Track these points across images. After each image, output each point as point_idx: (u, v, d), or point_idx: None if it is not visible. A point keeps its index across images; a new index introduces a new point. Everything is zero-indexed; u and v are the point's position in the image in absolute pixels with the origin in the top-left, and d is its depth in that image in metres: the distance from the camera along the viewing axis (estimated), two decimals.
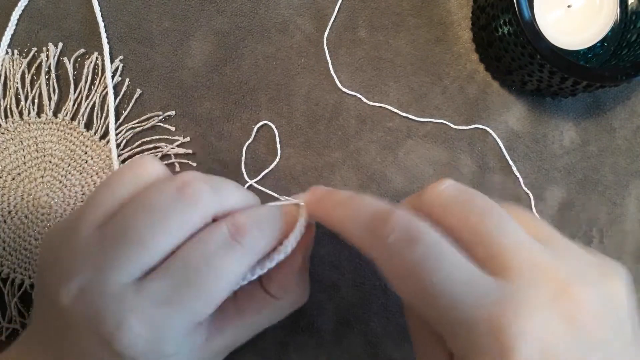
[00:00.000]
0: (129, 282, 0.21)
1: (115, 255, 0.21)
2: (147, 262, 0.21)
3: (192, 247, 0.22)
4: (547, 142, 0.36)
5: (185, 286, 0.21)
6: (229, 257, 0.22)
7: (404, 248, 0.20)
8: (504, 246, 0.20)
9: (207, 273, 0.21)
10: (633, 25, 0.34)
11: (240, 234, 0.23)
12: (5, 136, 0.34)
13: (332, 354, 0.34)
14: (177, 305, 0.21)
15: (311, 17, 0.36)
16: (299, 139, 0.35)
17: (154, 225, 0.21)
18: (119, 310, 0.20)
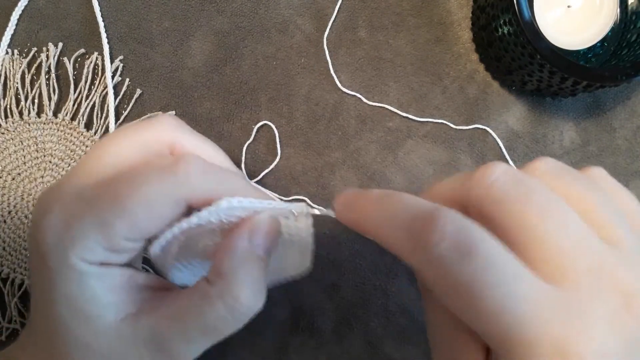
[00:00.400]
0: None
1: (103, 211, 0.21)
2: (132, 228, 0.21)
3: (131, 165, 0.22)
4: (547, 142, 0.36)
5: (105, 191, 0.21)
6: (157, 179, 0.21)
7: (457, 260, 0.17)
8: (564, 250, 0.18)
9: (128, 184, 0.21)
10: (633, 25, 0.34)
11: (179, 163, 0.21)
12: (5, 136, 0.34)
13: (332, 354, 0.33)
14: (91, 206, 0.21)
15: (311, 17, 0.36)
16: (299, 139, 0.35)
17: (136, 195, 0.21)
18: (48, 200, 0.21)
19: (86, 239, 0.21)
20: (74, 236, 0.21)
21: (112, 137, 0.23)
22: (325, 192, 0.35)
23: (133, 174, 0.22)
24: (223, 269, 0.22)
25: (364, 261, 0.34)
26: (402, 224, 0.19)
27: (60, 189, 0.22)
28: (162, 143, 0.24)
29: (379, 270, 0.34)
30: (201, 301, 0.22)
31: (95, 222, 0.21)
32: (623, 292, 0.17)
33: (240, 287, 0.22)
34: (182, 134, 0.24)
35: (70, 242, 0.21)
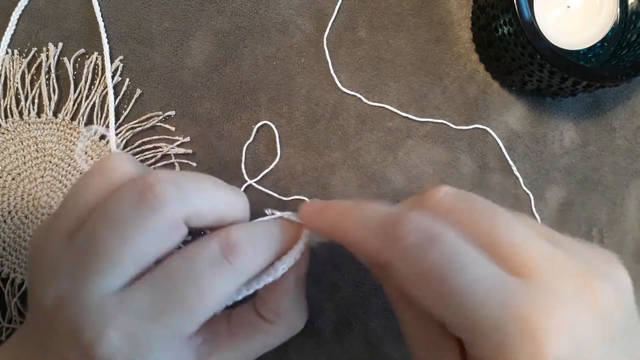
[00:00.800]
0: (109, 292, 0.20)
1: (86, 270, 0.20)
2: (122, 274, 0.20)
3: (179, 260, 0.21)
4: (547, 142, 0.36)
5: (168, 302, 0.20)
6: (218, 276, 0.21)
7: (423, 249, 0.19)
8: (517, 246, 0.20)
9: (192, 290, 0.21)
10: (633, 25, 0.34)
11: (233, 253, 0.21)
12: (5, 136, 0.34)
13: (332, 354, 0.33)
14: (158, 321, 0.20)
15: (311, 17, 0.36)
16: (299, 139, 0.35)
17: (117, 239, 0.20)
18: (98, 321, 0.20)
19: (158, 350, 0.21)
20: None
21: (121, 235, 0.21)
22: (325, 192, 0.35)
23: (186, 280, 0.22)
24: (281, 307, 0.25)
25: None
26: (375, 226, 0.21)
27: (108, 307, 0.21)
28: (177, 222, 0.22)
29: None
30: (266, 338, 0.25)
31: (166, 336, 0.21)
32: (576, 275, 0.19)
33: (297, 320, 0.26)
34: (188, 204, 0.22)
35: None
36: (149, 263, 0.21)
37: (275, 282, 0.24)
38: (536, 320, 0.18)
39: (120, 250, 0.20)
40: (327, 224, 0.24)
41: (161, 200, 0.20)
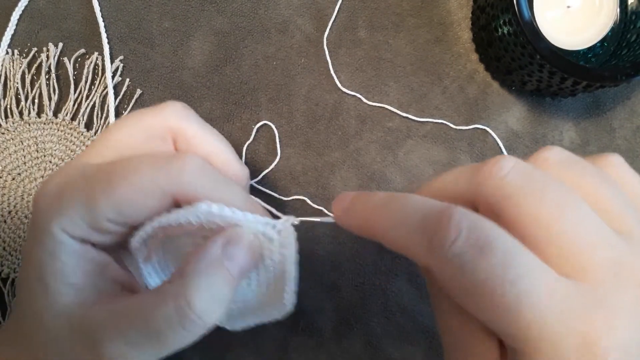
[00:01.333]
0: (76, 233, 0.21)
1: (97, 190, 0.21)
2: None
3: None
4: (547, 142, 0.36)
5: (101, 172, 0.22)
6: (151, 168, 0.21)
7: (474, 257, 0.17)
8: (581, 245, 0.18)
9: (124, 171, 0.21)
10: (633, 25, 0.34)
11: (177, 158, 0.22)
12: (6, 136, 0.34)
13: (332, 354, 0.34)
14: (86, 184, 0.21)
15: (311, 17, 0.36)
16: (299, 139, 0.35)
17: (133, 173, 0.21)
18: (56, 172, 0.22)
19: (71, 210, 0.21)
20: (61, 205, 0.21)
21: (119, 122, 0.24)
22: (325, 192, 0.35)
23: (131, 159, 0.22)
24: (186, 270, 0.21)
25: (364, 261, 0.34)
26: (414, 225, 0.19)
27: (68, 164, 0.23)
28: (166, 129, 0.24)
29: (379, 270, 0.34)
30: (152, 299, 0.20)
31: (83, 197, 0.21)
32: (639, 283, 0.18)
33: (196, 291, 0.20)
34: (187, 121, 0.24)
35: (56, 210, 0.21)
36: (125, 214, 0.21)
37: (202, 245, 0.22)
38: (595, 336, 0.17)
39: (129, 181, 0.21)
40: (360, 221, 0.21)
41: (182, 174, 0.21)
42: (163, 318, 0.20)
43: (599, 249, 0.18)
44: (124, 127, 0.24)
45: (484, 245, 0.17)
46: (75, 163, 0.23)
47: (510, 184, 0.18)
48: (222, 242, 0.21)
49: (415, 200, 0.19)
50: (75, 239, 0.21)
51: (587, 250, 0.18)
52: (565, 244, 0.18)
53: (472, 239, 0.17)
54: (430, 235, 0.18)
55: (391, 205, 0.20)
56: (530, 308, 0.17)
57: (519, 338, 0.17)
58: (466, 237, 0.17)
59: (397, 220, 0.19)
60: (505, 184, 0.18)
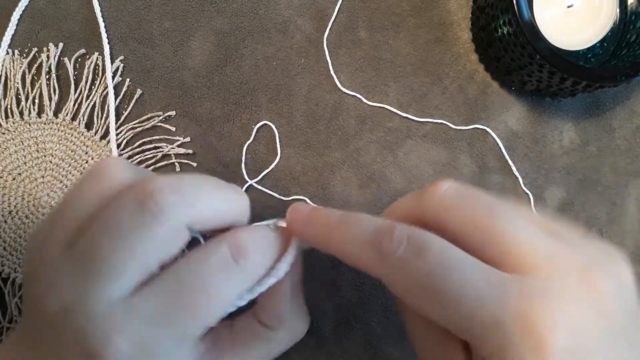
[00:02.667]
0: (115, 300, 0.20)
1: (91, 279, 0.20)
2: (126, 282, 0.20)
3: (188, 264, 0.21)
4: (547, 142, 0.36)
5: (177, 306, 0.20)
6: (226, 278, 0.21)
7: (414, 259, 0.20)
8: (517, 242, 0.20)
9: (201, 293, 0.21)
10: (632, 25, 0.34)
11: (242, 255, 0.22)
12: (6, 136, 0.34)
13: (332, 354, 0.34)
14: (166, 326, 0.20)
15: (311, 18, 0.36)
16: (299, 139, 0.35)
17: (119, 249, 0.20)
18: (104, 328, 0.19)
19: (165, 355, 0.21)
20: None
21: (122, 246, 0.21)
22: (325, 192, 0.35)
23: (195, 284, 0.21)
24: (280, 312, 0.25)
25: None
26: (365, 241, 0.21)
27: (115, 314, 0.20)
28: (180, 229, 0.22)
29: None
30: (268, 345, 0.25)
31: (174, 340, 0.21)
32: (577, 271, 0.19)
33: (299, 325, 0.25)
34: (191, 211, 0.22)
35: None
36: (153, 269, 0.21)
37: (274, 288, 0.24)
38: (538, 317, 0.18)
39: (123, 259, 0.20)
40: (315, 237, 0.24)
41: (162, 208, 0.20)
42: (281, 351, 0.25)
43: (533, 244, 0.20)
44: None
45: (420, 248, 0.20)
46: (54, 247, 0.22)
47: (448, 198, 0.22)
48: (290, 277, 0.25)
49: (367, 219, 0.22)
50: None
51: (523, 246, 0.20)
52: (502, 243, 0.20)
53: (411, 245, 0.20)
54: (378, 247, 0.21)
55: (347, 223, 0.22)
56: (470, 298, 0.19)
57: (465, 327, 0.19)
58: (406, 244, 0.20)
59: (352, 235, 0.22)
60: (444, 199, 0.22)
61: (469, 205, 0.21)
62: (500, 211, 0.21)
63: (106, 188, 0.22)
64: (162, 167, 0.34)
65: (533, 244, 0.20)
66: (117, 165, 0.22)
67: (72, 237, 0.21)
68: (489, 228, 0.20)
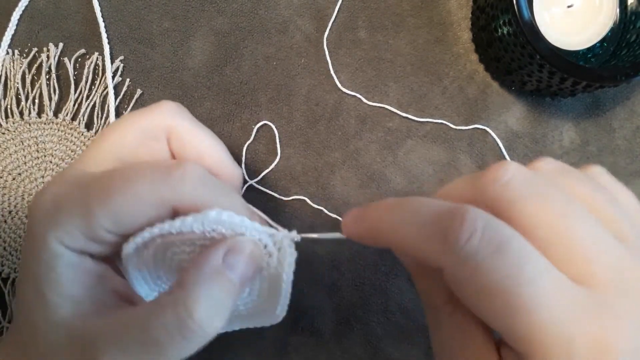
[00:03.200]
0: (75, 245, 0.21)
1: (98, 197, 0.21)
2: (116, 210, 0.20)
3: None
4: (547, 142, 0.36)
5: (98, 182, 0.21)
6: (150, 177, 0.21)
7: (489, 256, 0.17)
8: (586, 250, 0.18)
9: (122, 180, 0.21)
10: (632, 25, 0.34)
11: (178, 167, 0.22)
12: (6, 136, 0.34)
13: (332, 354, 0.34)
14: (83, 194, 0.21)
15: (311, 18, 0.36)
16: (299, 139, 0.35)
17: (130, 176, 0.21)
18: (51, 181, 0.22)
19: (68, 221, 0.20)
20: (57, 217, 0.21)
21: (114, 125, 0.24)
22: (325, 192, 0.35)
23: (129, 168, 0.21)
24: (185, 280, 0.20)
25: (364, 261, 0.34)
26: (427, 223, 0.18)
27: (64, 172, 0.23)
28: (160, 129, 0.24)
29: (379, 270, 0.34)
30: (151, 309, 0.20)
31: (80, 207, 0.21)
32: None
33: (197, 301, 0.19)
34: (180, 120, 0.24)
35: (53, 222, 0.21)
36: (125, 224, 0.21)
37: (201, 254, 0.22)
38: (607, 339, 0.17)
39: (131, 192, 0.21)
40: (370, 227, 0.21)
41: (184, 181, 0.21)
42: (162, 328, 0.19)
43: (603, 254, 0.18)
44: (118, 129, 0.24)
45: (499, 245, 0.17)
46: (71, 171, 0.23)
47: (513, 189, 0.19)
48: (223, 250, 0.21)
49: (427, 201, 0.19)
50: (73, 250, 0.21)
51: (592, 255, 0.18)
52: (570, 248, 0.18)
53: (487, 238, 0.17)
54: (444, 233, 0.18)
55: (402, 206, 0.20)
56: (544, 309, 0.17)
57: (530, 340, 0.17)
58: (481, 235, 0.17)
59: (409, 219, 0.19)
60: (508, 189, 0.19)
61: (540, 199, 0.18)
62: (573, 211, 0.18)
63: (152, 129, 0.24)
64: None
65: (606, 255, 0.18)
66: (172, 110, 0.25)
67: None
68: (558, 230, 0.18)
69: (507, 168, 0.19)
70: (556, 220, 0.18)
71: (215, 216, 0.21)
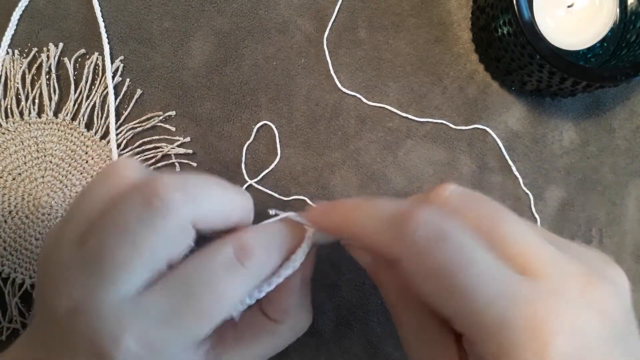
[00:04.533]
0: (124, 299, 0.20)
1: (99, 278, 0.20)
2: (135, 280, 0.20)
3: (194, 265, 0.21)
4: (547, 142, 0.36)
5: (184, 306, 0.21)
6: (232, 279, 0.21)
7: (433, 244, 0.19)
8: (524, 245, 0.20)
9: (207, 294, 0.21)
10: (632, 25, 0.34)
11: (246, 256, 0.22)
12: (6, 136, 0.34)
13: (332, 354, 0.34)
14: (174, 326, 0.20)
15: (311, 18, 0.36)
16: (299, 139, 0.35)
17: (127, 247, 0.20)
18: (114, 327, 0.20)
19: (173, 354, 0.21)
20: None
21: (130, 243, 0.21)
22: (325, 192, 0.35)
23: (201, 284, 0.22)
24: (287, 306, 0.25)
25: None
26: (384, 220, 0.21)
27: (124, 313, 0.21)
28: (185, 227, 0.22)
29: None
30: (272, 338, 0.25)
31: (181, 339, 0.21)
32: (580, 277, 0.20)
33: (303, 320, 0.26)
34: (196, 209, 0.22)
35: None
36: (161, 268, 0.21)
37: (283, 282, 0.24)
38: (543, 320, 0.18)
39: (131, 257, 0.20)
40: (335, 221, 0.24)
41: (168, 206, 0.21)
42: (285, 345, 0.25)
43: (538, 249, 0.20)
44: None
45: (442, 234, 0.20)
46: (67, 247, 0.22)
47: (452, 201, 0.22)
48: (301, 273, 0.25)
49: (388, 200, 0.22)
50: None
51: (529, 250, 0.20)
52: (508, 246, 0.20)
53: (432, 227, 0.20)
54: (398, 225, 0.20)
55: (366, 204, 0.23)
56: (483, 292, 0.19)
57: (470, 322, 0.19)
58: (426, 226, 0.20)
59: (371, 214, 0.22)
60: (448, 202, 0.22)
61: (474, 208, 0.21)
62: (505, 215, 0.21)
63: (116, 187, 0.22)
64: (162, 167, 0.34)
65: (538, 248, 0.20)
66: (128, 166, 0.23)
67: (83, 236, 0.21)
68: (496, 231, 0.20)
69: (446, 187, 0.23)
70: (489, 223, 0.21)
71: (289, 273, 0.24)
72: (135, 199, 0.21)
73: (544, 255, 0.20)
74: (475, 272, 0.19)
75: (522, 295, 0.19)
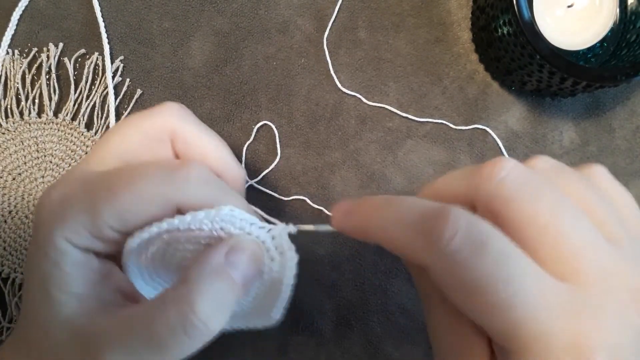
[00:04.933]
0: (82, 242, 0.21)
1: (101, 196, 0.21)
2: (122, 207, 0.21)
3: None
4: (547, 142, 0.36)
5: (104, 181, 0.22)
6: (155, 177, 0.21)
7: (470, 255, 0.17)
8: (575, 248, 0.18)
9: (128, 179, 0.22)
10: (632, 25, 0.34)
11: (182, 168, 0.22)
12: (6, 136, 0.34)
13: (332, 354, 0.34)
14: (89, 192, 0.21)
15: (311, 18, 0.36)
16: (299, 139, 0.35)
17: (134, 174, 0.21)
18: (58, 180, 0.22)
19: (74, 219, 0.21)
20: (63, 215, 0.21)
21: (118, 126, 0.24)
22: (325, 192, 0.35)
23: (134, 167, 0.22)
24: (188, 276, 0.20)
25: (364, 261, 0.34)
26: (412, 223, 0.19)
27: (70, 172, 0.23)
28: (164, 130, 0.24)
29: (379, 270, 0.34)
30: (154, 306, 0.20)
31: (86, 205, 0.21)
32: (629, 289, 0.18)
33: (199, 297, 0.19)
34: (184, 122, 0.25)
35: (59, 220, 0.21)
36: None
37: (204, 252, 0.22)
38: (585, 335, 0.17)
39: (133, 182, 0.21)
40: (358, 223, 0.21)
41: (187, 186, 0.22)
42: (165, 325, 0.19)
43: (591, 254, 0.18)
44: (122, 130, 0.24)
45: (480, 244, 0.17)
46: (77, 171, 0.23)
47: (508, 186, 0.19)
48: (225, 249, 0.21)
49: (413, 201, 0.20)
50: (78, 248, 0.21)
51: (580, 254, 0.18)
52: (559, 247, 0.18)
53: (469, 237, 0.17)
54: (428, 233, 0.18)
55: (390, 205, 0.20)
56: (522, 306, 0.17)
57: (510, 336, 0.18)
58: (463, 235, 0.17)
59: (396, 218, 0.20)
60: (503, 186, 0.19)
61: (532, 198, 0.19)
62: (564, 210, 0.19)
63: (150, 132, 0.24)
64: None
65: (592, 254, 0.18)
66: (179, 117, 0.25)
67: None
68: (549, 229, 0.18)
69: (502, 166, 0.19)
70: (546, 219, 0.18)
71: (228, 212, 0.21)
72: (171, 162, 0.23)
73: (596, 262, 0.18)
74: (516, 285, 0.17)
75: (564, 308, 0.17)
